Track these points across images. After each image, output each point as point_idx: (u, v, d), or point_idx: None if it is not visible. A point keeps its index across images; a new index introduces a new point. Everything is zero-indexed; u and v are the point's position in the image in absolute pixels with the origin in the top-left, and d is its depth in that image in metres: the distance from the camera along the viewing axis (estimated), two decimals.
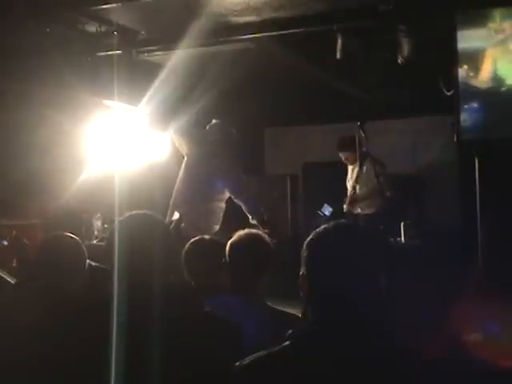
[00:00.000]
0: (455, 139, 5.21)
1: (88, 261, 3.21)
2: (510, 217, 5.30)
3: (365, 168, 6.41)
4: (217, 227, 5.60)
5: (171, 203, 5.68)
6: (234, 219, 5.67)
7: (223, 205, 5.68)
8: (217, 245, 3.33)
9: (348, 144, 6.46)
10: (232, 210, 5.79)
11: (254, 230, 3.14)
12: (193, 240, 3.37)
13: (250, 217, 5.54)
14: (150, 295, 1.83)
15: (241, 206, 5.64)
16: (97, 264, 3.29)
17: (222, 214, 5.68)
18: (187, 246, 3.32)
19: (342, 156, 6.64)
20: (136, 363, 1.74)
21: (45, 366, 1.92)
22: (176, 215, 5.50)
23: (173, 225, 5.23)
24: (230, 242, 2.96)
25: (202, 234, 3.56)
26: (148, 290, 1.85)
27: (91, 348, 1.82)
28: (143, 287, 1.86)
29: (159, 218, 2.08)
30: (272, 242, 3.02)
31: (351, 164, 6.65)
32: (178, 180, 5.76)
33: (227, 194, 5.64)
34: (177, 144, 5.86)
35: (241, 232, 3.02)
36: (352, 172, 6.67)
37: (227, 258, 2.95)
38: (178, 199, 5.66)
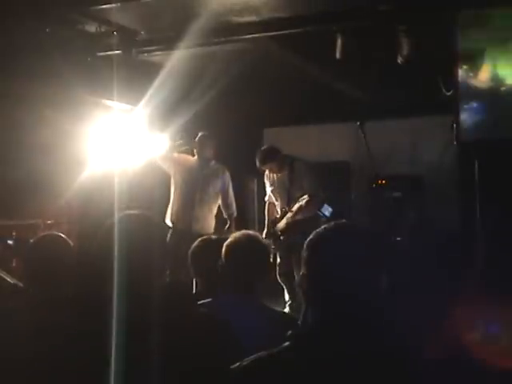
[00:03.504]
0: (455, 139, 5.21)
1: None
2: (510, 217, 5.30)
3: (295, 170, 6.04)
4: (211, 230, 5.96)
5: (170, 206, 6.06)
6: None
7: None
8: (223, 244, 3.30)
9: (271, 155, 6.07)
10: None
11: (250, 231, 3.08)
12: (199, 239, 3.35)
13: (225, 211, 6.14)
14: (145, 295, 1.83)
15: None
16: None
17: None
18: (193, 245, 3.30)
19: (266, 169, 6.20)
20: (133, 363, 1.73)
21: (43, 367, 1.91)
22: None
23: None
24: (226, 243, 2.86)
25: (199, 235, 3.59)
26: (143, 290, 1.84)
27: (88, 347, 1.81)
28: (138, 287, 1.85)
29: (154, 217, 2.07)
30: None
31: (279, 173, 6.14)
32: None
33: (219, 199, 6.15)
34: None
35: (237, 233, 2.94)
36: (277, 178, 6.18)
37: (224, 259, 2.84)
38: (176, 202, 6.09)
